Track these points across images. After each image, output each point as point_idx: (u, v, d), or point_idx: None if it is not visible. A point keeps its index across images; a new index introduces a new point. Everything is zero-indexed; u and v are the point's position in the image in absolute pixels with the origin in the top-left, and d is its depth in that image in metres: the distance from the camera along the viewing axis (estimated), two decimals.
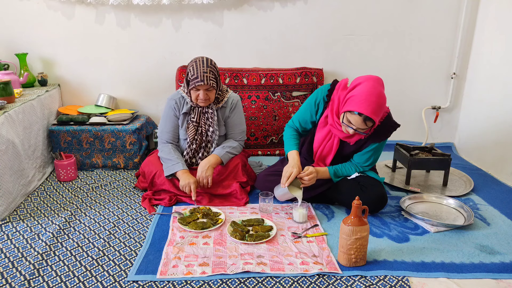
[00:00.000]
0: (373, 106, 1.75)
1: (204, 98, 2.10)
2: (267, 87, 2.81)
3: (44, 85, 2.81)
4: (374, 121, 1.79)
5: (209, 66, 2.08)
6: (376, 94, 1.76)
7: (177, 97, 2.23)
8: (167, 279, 1.50)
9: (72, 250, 1.71)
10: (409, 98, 3.04)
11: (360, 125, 1.80)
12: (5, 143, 2.02)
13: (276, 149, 2.88)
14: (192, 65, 2.08)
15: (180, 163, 2.12)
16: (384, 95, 1.80)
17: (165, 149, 2.21)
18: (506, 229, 1.90)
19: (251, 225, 1.87)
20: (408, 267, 1.60)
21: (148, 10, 2.76)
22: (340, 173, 2.05)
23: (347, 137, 1.95)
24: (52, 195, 2.25)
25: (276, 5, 2.80)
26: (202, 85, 2.06)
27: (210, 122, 2.21)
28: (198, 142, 2.23)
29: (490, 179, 2.52)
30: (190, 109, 2.21)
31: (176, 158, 2.15)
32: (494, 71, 2.65)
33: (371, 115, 1.75)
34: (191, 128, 2.20)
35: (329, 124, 1.99)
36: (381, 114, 1.81)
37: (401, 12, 2.84)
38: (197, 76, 2.05)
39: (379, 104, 1.76)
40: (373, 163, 2.06)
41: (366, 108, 1.74)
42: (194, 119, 2.20)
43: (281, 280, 1.51)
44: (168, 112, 2.24)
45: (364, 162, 2.04)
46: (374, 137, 1.95)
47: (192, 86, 2.07)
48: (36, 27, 2.75)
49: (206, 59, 2.10)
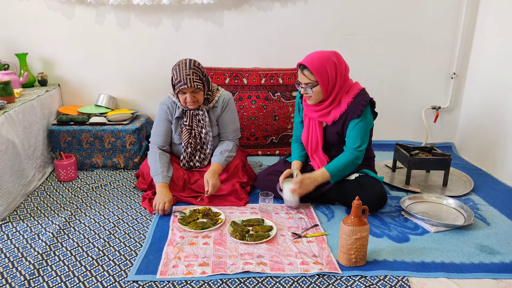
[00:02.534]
0: (310, 57, 1.91)
1: (192, 101, 2.08)
2: (267, 87, 2.81)
3: (44, 85, 2.81)
4: (311, 71, 1.88)
5: (192, 68, 2.05)
6: (319, 52, 1.93)
7: (168, 102, 2.22)
8: (167, 279, 1.50)
9: (72, 250, 1.71)
10: (409, 98, 3.04)
11: (301, 77, 1.94)
12: (5, 143, 2.02)
13: (276, 149, 2.88)
14: (175, 69, 2.06)
15: (160, 175, 2.09)
16: (329, 59, 1.90)
17: (152, 155, 2.18)
18: (506, 229, 1.90)
19: (251, 225, 1.87)
20: (408, 267, 1.60)
21: (148, 10, 2.76)
22: (335, 165, 1.98)
23: (319, 115, 2.01)
24: (52, 195, 2.25)
25: (276, 5, 2.80)
26: (187, 88, 2.03)
27: (202, 124, 2.19)
28: (193, 146, 2.21)
29: (490, 179, 2.52)
30: (182, 113, 2.20)
31: (158, 169, 2.11)
32: (494, 71, 2.65)
33: (306, 63, 1.89)
34: (185, 132, 2.19)
35: (305, 110, 2.10)
36: (320, 69, 1.88)
37: (401, 12, 2.84)
38: (180, 80, 2.02)
39: (320, 58, 1.89)
40: (362, 143, 1.97)
41: (305, 59, 1.92)
42: (186, 123, 2.19)
43: (281, 280, 1.51)
44: (161, 115, 2.23)
45: (353, 143, 1.97)
46: (349, 114, 1.95)
47: (177, 90, 2.06)
48: (36, 27, 2.75)
49: (189, 61, 2.07)
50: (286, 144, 2.88)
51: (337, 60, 1.93)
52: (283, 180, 2.04)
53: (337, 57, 1.94)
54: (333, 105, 1.98)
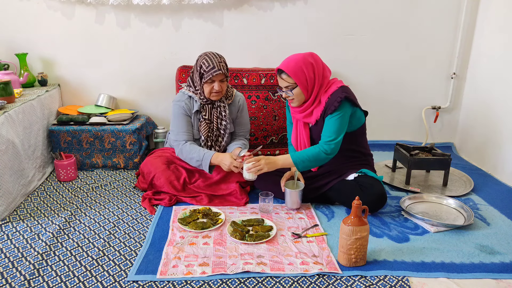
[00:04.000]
0: (286, 61, 1.96)
1: (220, 90, 2.13)
2: (267, 87, 2.81)
3: (44, 85, 2.81)
4: (287, 74, 1.93)
5: (222, 57, 2.16)
6: (295, 55, 1.97)
7: (184, 98, 2.23)
8: (167, 279, 1.50)
9: (72, 250, 1.71)
10: (409, 98, 3.04)
11: (280, 81, 2.00)
12: (5, 143, 2.02)
13: (276, 149, 2.88)
14: (205, 58, 2.12)
15: (205, 154, 2.12)
16: (306, 60, 1.93)
17: (186, 149, 2.17)
18: (506, 229, 1.90)
19: (251, 225, 1.87)
20: (408, 267, 1.60)
21: (148, 10, 2.76)
22: (300, 154, 1.96)
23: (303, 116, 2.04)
24: (52, 195, 2.25)
25: (276, 5, 2.80)
26: (219, 74, 2.10)
27: (222, 116, 2.23)
28: (212, 139, 2.25)
29: (490, 179, 2.52)
30: (200, 107, 2.22)
31: (199, 152, 2.14)
32: (494, 71, 2.65)
33: (282, 67, 1.94)
34: (204, 126, 2.22)
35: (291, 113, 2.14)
36: (297, 70, 1.92)
37: (401, 12, 2.84)
38: (214, 66, 2.08)
39: (295, 60, 1.94)
40: (335, 137, 1.93)
41: (281, 64, 1.97)
42: (206, 117, 2.21)
43: (281, 280, 1.51)
44: (179, 113, 2.22)
45: (324, 137, 1.96)
46: (327, 111, 1.96)
47: (208, 77, 2.09)
48: (36, 27, 2.75)
49: (215, 52, 2.16)
50: (286, 144, 2.88)
51: (313, 60, 1.96)
52: (284, 183, 2.07)
53: (314, 58, 1.97)
54: (315, 105, 2.01)
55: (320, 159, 1.96)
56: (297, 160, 1.96)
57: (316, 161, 1.97)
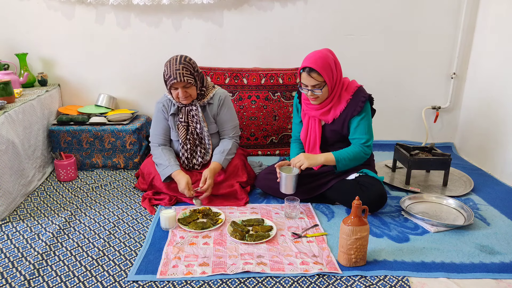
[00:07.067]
0: (313, 58, 1.90)
1: (184, 96, 2.09)
2: (267, 87, 2.81)
3: (44, 85, 2.81)
4: (318, 72, 1.88)
5: (182, 63, 2.04)
6: (318, 52, 1.93)
7: (164, 100, 2.23)
8: (167, 279, 1.50)
9: (72, 250, 1.71)
10: (409, 98, 3.04)
11: (309, 80, 1.92)
12: (5, 143, 2.02)
13: (276, 149, 2.88)
14: (166, 65, 2.07)
15: (169, 166, 2.10)
16: (329, 57, 1.92)
17: (156, 153, 2.20)
18: (506, 229, 1.90)
19: (251, 225, 1.87)
20: (408, 267, 1.60)
21: (148, 10, 2.76)
22: (342, 152, 1.99)
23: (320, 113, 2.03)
24: (52, 195, 2.25)
25: (276, 5, 2.80)
26: (177, 83, 2.04)
27: (196, 119, 2.19)
28: (191, 142, 2.22)
29: (490, 179, 2.51)
30: (177, 110, 2.20)
31: (167, 161, 2.12)
32: (494, 71, 2.65)
33: (311, 65, 1.89)
34: (181, 129, 2.19)
35: (304, 110, 2.11)
36: (326, 68, 1.90)
37: (401, 12, 2.84)
38: (171, 75, 2.03)
39: (322, 57, 1.90)
40: (369, 139, 2.00)
41: (307, 62, 1.91)
42: (182, 119, 2.19)
43: (281, 280, 1.51)
44: (157, 115, 2.24)
45: (359, 139, 2.00)
46: (349, 111, 1.98)
47: (168, 85, 2.08)
48: (36, 27, 2.75)
49: (180, 57, 2.07)
50: (286, 144, 2.88)
51: (333, 57, 1.97)
52: (279, 168, 2.05)
53: (333, 54, 1.99)
54: (333, 102, 2.01)
55: (358, 158, 2.00)
56: (339, 157, 1.98)
57: (355, 160, 2.00)
